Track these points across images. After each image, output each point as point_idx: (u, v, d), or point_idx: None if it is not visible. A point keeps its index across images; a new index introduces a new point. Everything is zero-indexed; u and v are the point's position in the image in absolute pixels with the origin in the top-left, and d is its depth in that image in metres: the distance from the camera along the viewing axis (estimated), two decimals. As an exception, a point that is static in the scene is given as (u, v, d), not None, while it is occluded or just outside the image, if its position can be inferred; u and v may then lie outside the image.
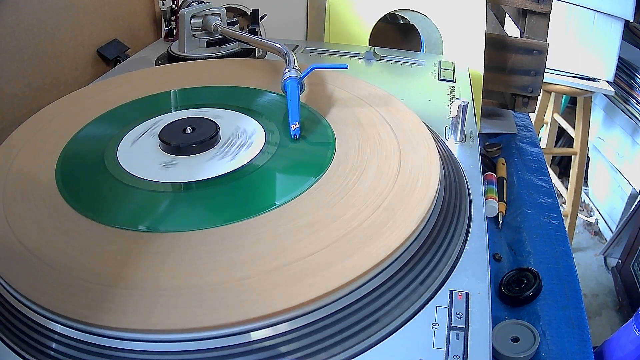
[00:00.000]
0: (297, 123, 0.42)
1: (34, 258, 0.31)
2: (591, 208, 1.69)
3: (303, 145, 0.41)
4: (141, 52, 0.68)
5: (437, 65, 0.62)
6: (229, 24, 0.61)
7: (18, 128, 0.44)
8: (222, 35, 0.60)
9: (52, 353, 0.28)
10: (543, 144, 1.58)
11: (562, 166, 1.78)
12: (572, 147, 1.40)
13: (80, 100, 0.49)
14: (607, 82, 1.20)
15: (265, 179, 0.38)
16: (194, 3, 0.63)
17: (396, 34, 0.78)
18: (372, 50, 0.64)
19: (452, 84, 0.58)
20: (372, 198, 0.34)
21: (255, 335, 0.27)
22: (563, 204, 1.46)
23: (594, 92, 1.26)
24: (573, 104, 1.46)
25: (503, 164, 0.63)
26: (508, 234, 0.54)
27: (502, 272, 0.47)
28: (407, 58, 0.64)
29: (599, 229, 1.63)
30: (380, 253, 0.30)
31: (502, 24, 0.86)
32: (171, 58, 0.61)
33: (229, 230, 0.32)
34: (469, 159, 0.44)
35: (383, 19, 0.68)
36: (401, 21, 0.76)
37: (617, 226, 1.44)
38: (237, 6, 0.72)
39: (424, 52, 0.68)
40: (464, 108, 0.45)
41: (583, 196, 1.67)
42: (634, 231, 1.28)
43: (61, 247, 0.31)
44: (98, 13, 0.66)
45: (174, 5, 0.71)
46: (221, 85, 0.51)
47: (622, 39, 1.17)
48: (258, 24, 0.66)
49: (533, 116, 1.37)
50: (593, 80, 1.21)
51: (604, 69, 1.20)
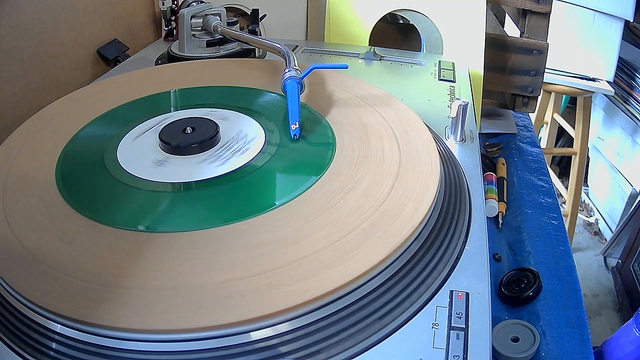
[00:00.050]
0: (297, 123, 0.42)
1: (34, 258, 0.31)
2: (591, 208, 1.69)
3: (303, 145, 0.41)
4: (141, 52, 0.68)
5: (437, 65, 0.62)
6: (229, 24, 0.61)
7: (18, 128, 0.44)
8: (222, 35, 0.60)
9: (52, 353, 0.28)
10: (543, 144, 1.58)
11: (562, 166, 1.78)
12: (572, 147, 1.40)
13: (80, 100, 0.49)
14: (607, 82, 1.20)
15: (265, 179, 0.38)
16: (194, 3, 0.63)
17: (396, 34, 0.78)
18: (372, 50, 0.64)
19: (452, 84, 0.58)
20: (372, 198, 0.34)
21: (255, 335, 0.27)
22: (563, 204, 1.46)
23: (594, 92, 1.26)
24: (573, 104, 1.46)
25: (503, 164, 0.63)
26: (508, 234, 0.54)
27: (502, 272, 0.47)
28: (407, 58, 0.64)
29: (599, 229, 1.63)
30: (380, 253, 0.30)
31: (502, 24, 0.86)
32: (171, 58, 0.61)
33: (229, 230, 0.32)
34: (469, 159, 0.44)
35: (383, 19, 0.68)
36: (401, 21, 0.76)
37: (617, 226, 1.44)
38: (237, 6, 0.72)
39: (424, 52, 0.68)
40: (464, 108, 0.45)
41: (583, 196, 1.67)
42: (634, 231, 1.28)
43: (61, 247, 0.31)
44: (98, 13, 0.66)
45: (174, 5, 0.71)
46: (221, 85, 0.51)
47: (622, 39, 1.17)
48: (258, 24, 0.65)
49: (533, 116, 1.37)
50: (593, 80, 1.21)
51: (604, 69, 1.20)
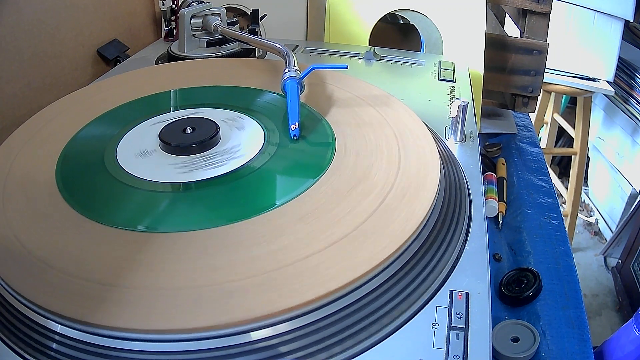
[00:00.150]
0: (297, 123, 0.42)
1: (34, 258, 0.31)
2: (591, 208, 1.69)
3: (303, 145, 0.41)
4: (141, 52, 0.68)
5: (437, 65, 0.62)
6: (229, 24, 0.61)
7: (18, 128, 0.44)
8: (222, 35, 0.60)
9: (52, 353, 0.28)
10: (543, 144, 1.58)
11: (562, 166, 1.78)
12: (572, 147, 1.40)
13: (80, 100, 0.49)
14: (607, 82, 1.20)
15: (265, 179, 0.37)
16: (194, 3, 0.63)
17: (396, 34, 0.78)
18: (372, 50, 0.64)
19: (452, 84, 0.58)
20: (372, 198, 0.34)
21: (255, 335, 0.27)
22: (563, 204, 1.46)
23: (594, 92, 1.26)
24: (573, 104, 1.46)
25: (503, 164, 0.63)
26: (508, 234, 0.54)
27: (502, 272, 0.47)
28: (407, 58, 0.64)
29: (599, 229, 1.63)
30: (380, 253, 0.30)
31: (502, 24, 0.86)
32: (171, 58, 0.61)
33: (229, 230, 0.32)
34: (469, 159, 0.44)
35: (383, 19, 0.68)
36: (401, 21, 0.76)
37: (617, 226, 1.44)
38: (237, 6, 0.72)
39: (424, 52, 0.68)
40: (464, 108, 0.45)
41: (583, 196, 1.67)
42: (634, 231, 1.28)
43: (61, 247, 0.31)
44: (98, 13, 0.66)
45: (174, 5, 0.71)
46: (221, 85, 0.51)
47: (622, 39, 1.17)
48: (258, 24, 0.65)
49: (533, 116, 1.37)
50: (593, 80, 1.21)
51: (604, 69, 1.20)
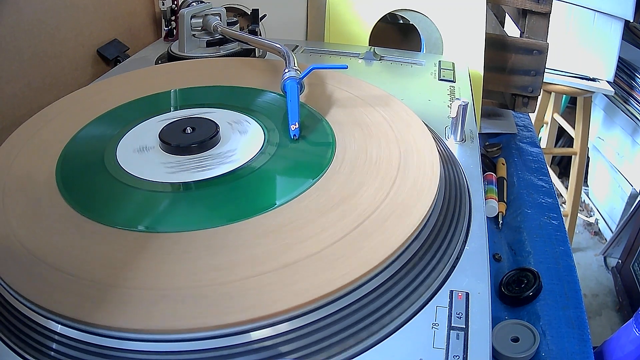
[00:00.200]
0: (297, 123, 0.42)
1: (34, 258, 0.31)
2: (591, 208, 1.69)
3: (303, 145, 0.41)
4: (141, 52, 0.68)
5: (437, 65, 0.62)
6: (229, 24, 0.61)
7: (18, 128, 0.44)
8: (222, 35, 0.60)
9: (52, 353, 0.28)
10: (543, 144, 1.58)
11: (562, 166, 1.78)
12: (572, 147, 1.40)
13: (80, 100, 0.49)
14: (607, 82, 1.20)
15: (265, 179, 0.37)
16: (194, 3, 0.63)
17: (396, 34, 0.78)
18: (372, 50, 0.64)
19: (452, 84, 0.57)
20: (372, 198, 0.34)
21: (255, 335, 0.27)
22: (563, 204, 1.46)
23: (594, 92, 1.26)
24: (573, 104, 1.46)
25: (503, 164, 0.63)
26: (508, 234, 0.54)
27: (502, 272, 0.47)
28: (407, 58, 0.64)
29: (599, 229, 1.63)
30: (380, 253, 0.30)
31: (502, 24, 0.86)
32: (171, 58, 0.61)
33: (229, 230, 0.32)
34: (469, 159, 0.44)
35: (383, 19, 0.68)
36: (401, 21, 0.76)
37: (617, 226, 1.44)
38: (237, 6, 0.72)
39: (424, 52, 0.68)
40: (464, 108, 0.45)
41: (583, 196, 1.66)
42: (634, 231, 1.28)
43: (61, 247, 0.31)
44: (98, 13, 0.66)
45: (174, 5, 0.71)
46: (221, 85, 0.51)
47: (622, 39, 1.17)
48: (258, 24, 0.65)
49: (533, 116, 1.37)
50: (593, 80, 1.21)
51: (604, 69, 1.20)
